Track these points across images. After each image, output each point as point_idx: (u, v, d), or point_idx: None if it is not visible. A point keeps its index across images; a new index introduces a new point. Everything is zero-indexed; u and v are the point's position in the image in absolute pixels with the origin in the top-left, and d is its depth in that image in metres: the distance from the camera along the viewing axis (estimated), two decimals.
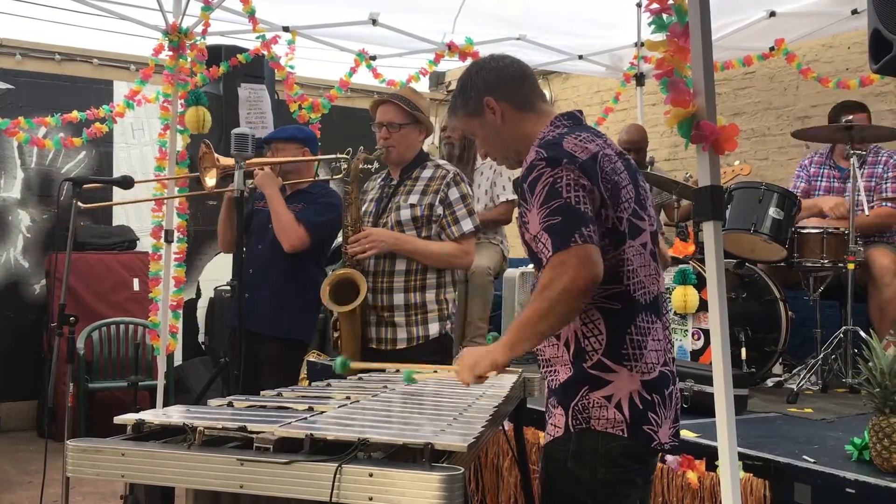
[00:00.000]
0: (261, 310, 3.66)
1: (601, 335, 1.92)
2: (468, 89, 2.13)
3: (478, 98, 2.10)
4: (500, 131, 2.10)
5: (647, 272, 1.98)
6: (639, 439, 1.90)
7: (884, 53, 2.42)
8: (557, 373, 1.98)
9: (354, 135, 8.16)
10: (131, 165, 7.10)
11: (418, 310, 3.23)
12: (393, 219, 3.26)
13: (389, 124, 3.29)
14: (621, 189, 1.95)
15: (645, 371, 1.92)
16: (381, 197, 3.39)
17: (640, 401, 1.90)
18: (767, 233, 3.97)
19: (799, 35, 5.73)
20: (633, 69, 6.70)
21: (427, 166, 3.33)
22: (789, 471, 2.52)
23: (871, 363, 2.47)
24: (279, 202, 3.69)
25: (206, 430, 1.58)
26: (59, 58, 6.99)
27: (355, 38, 5.86)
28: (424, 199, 3.24)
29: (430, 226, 3.24)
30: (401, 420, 1.87)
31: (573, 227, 1.82)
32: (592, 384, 1.92)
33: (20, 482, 5.09)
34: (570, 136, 1.96)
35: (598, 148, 1.95)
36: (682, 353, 3.97)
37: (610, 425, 1.90)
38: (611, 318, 1.92)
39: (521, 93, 2.11)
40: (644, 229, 1.99)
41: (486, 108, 2.09)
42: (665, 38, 2.15)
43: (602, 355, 1.91)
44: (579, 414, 1.92)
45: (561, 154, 1.90)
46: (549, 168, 1.88)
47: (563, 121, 2.07)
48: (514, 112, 2.09)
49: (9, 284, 6.79)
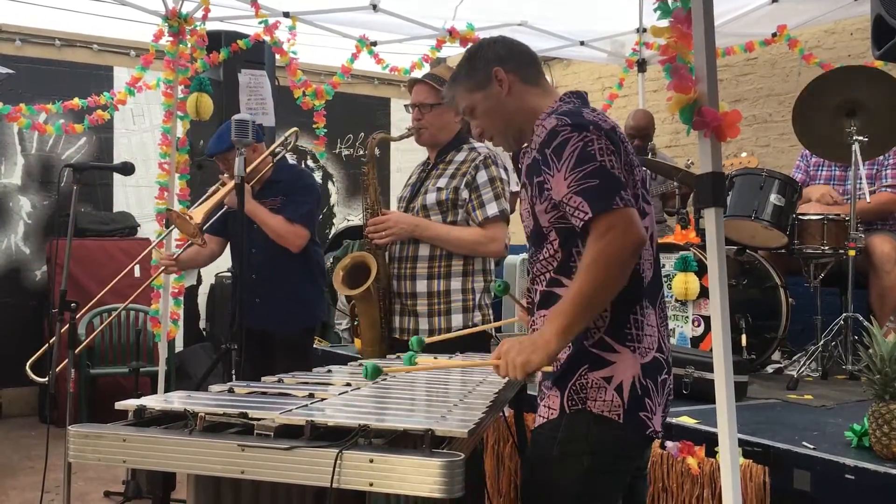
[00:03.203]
0: (276, 312, 3.66)
1: (605, 312, 1.86)
2: (477, 59, 2.09)
3: (486, 68, 2.06)
4: (506, 104, 2.06)
5: (649, 255, 1.96)
6: (634, 426, 1.86)
7: (886, 40, 2.41)
8: None
9: (356, 120, 8.20)
10: (131, 151, 7.10)
11: (441, 298, 3.09)
12: (420, 203, 3.15)
13: (421, 105, 3.15)
14: (635, 168, 1.94)
15: (643, 354, 1.89)
16: (416, 182, 3.27)
17: (640, 386, 1.87)
18: (768, 219, 3.97)
19: (801, 21, 5.70)
20: (635, 55, 6.67)
21: (462, 149, 3.18)
22: (789, 457, 2.53)
23: (871, 350, 2.48)
24: (262, 212, 3.64)
25: (207, 416, 1.58)
26: (59, 43, 6.98)
27: (356, 23, 5.84)
28: (452, 183, 3.10)
29: (456, 210, 3.10)
30: (401, 406, 1.88)
31: (613, 191, 1.78)
32: (592, 363, 1.87)
33: (22, 468, 5.11)
34: (587, 110, 1.95)
35: (615, 122, 1.94)
36: (683, 339, 3.97)
37: (607, 408, 1.85)
38: (619, 295, 1.83)
39: (530, 69, 2.10)
40: (648, 213, 1.97)
41: (493, 80, 2.05)
42: (669, 23, 2.14)
43: (604, 333, 1.87)
44: (575, 394, 1.87)
45: (585, 121, 1.86)
46: (577, 132, 1.83)
47: (572, 98, 2.05)
48: (522, 85, 2.06)
49: (10, 270, 6.80)
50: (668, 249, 4.03)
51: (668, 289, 3.90)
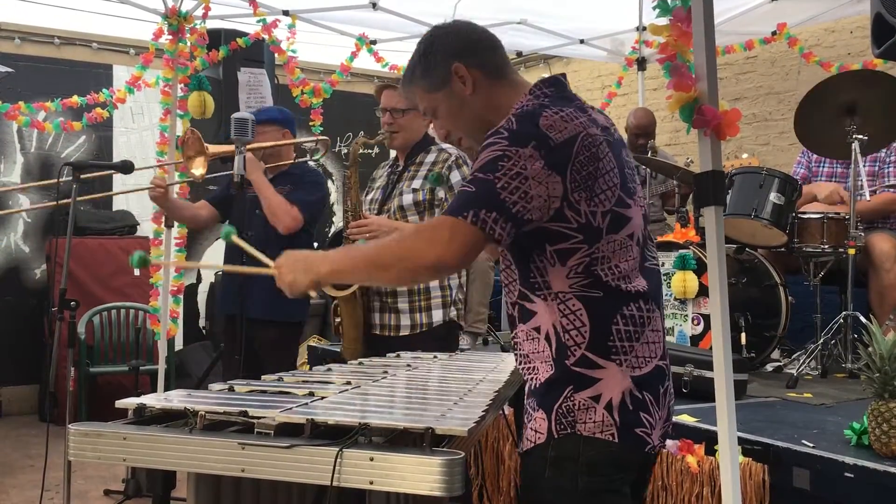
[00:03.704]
0: (259, 295, 3.65)
1: (584, 327, 1.69)
2: (431, 56, 1.85)
3: (444, 65, 1.82)
4: (470, 104, 1.84)
5: (634, 266, 1.75)
6: (631, 444, 1.70)
7: (886, 38, 2.42)
8: (537, 370, 1.76)
9: (355, 119, 8.19)
10: (131, 149, 7.10)
11: (422, 296, 3.19)
12: (396, 204, 3.25)
13: (393, 110, 3.28)
14: (599, 178, 1.67)
15: (636, 366, 1.71)
16: (388, 183, 3.38)
17: (632, 401, 1.70)
18: (768, 218, 3.97)
19: (801, 19, 5.71)
20: (635, 53, 6.67)
21: (431, 150, 3.32)
22: (788, 455, 2.53)
23: (870, 348, 2.48)
24: (267, 186, 3.67)
25: (207, 414, 1.58)
26: (58, 42, 6.97)
27: (356, 21, 5.84)
28: (426, 184, 3.23)
29: (433, 210, 3.22)
30: (401, 405, 1.88)
31: (476, 204, 1.59)
32: (577, 384, 1.70)
33: (22, 466, 5.11)
34: (551, 110, 1.68)
35: (581, 128, 1.67)
36: (682, 338, 3.97)
37: (598, 429, 1.68)
38: (594, 308, 1.70)
39: (494, 59, 1.86)
40: (631, 217, 1.74)
41: (453, 77, 1.82)
42: (668, 22, 2.14)
43: (586, 349, 1.69)
44: (563, 417, 1.70)
45: (532, 133, 1.63)
46: (507, 143, 1.63)
47: (544, 88, 1.80)
48: (487, 80, 1.83)
49: (9, 269, 6.80)
50: (667, 248, 4.03)
51: (668, 287, 3.90)
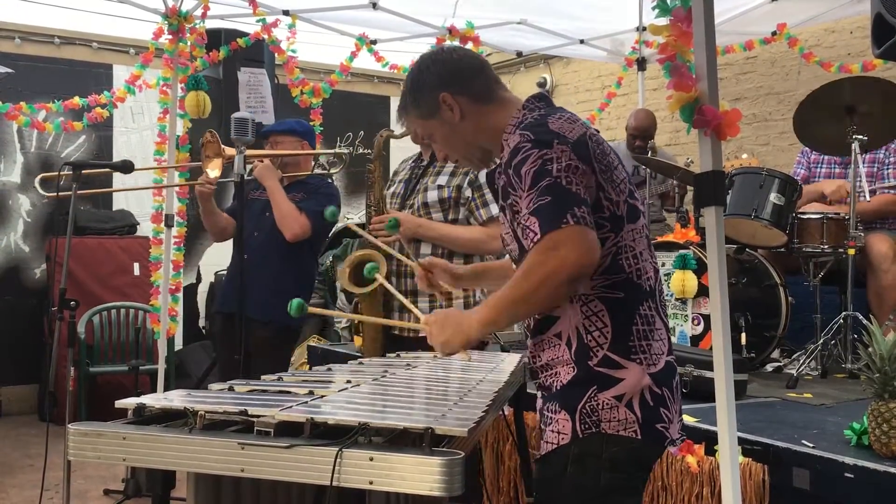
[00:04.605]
0: (257, 295, 3.66)
1: (606, 328, 1.78)
2: (420, 87, 1.95)
3: (432, 96, 1.92)
4: (461, 130, 1.93)
5: (647, 256, 1.86)
6: (652, 439, 1.78)
7: (886, 38, 2.41)
8: (558, 374, 1.83)
9: (355, 119, 8.19)
10: (131, 149, 7.10)
11: (442, 296, 3.10)
12: (420, 200, 3.18)
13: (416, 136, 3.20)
14: (614, 169, 1.82)
15: (652, 363, 1.79)
16: (411, 178, 3.30)
17: (652, 397, 1.78)
18: (768, 218, 3.97)
19: (801, 19, 5.70)
20: (635, 53, 6.67)
21: None
22: (788, 455, 2.53)
23: (870, 348, 2.48)
24: (280, 193, 3.72)
25: (206, 414, 1.58)
26: (58, 41, 6.97)
27: (356, 21, 5.83)
28: (453, 181, 3.14)
29: (458, 208, 3.14)
30: (401, 404, 1.87)
31: (565, 207, 1.66)
32: (601, 384, 1.77)
33: (21, 466, 5.11)
34: (553, 117, 1.81)
35: (584, 128, 1.81)
36: (683, 338, 3.97)
37: (622, 427, 1.76)
38: (615, 309, 1.78)
39: (479, 84, 1.94)
40: (642, 211, 1.88)
41: (442, 106, 1.92)
42: (668, 22, 2.14)
43: (608, 350, 1.77)
44: (588, 417, 1.76)
45: (549, 135, 1.75)
46: (537, 149, 1.73)
47: (535, 103, 1.91)
48: (474, 105, 1.92)
49: (9, 269, 6.80)
50: (667, 248, 4.03)
51: (667, 287, 3.90)
